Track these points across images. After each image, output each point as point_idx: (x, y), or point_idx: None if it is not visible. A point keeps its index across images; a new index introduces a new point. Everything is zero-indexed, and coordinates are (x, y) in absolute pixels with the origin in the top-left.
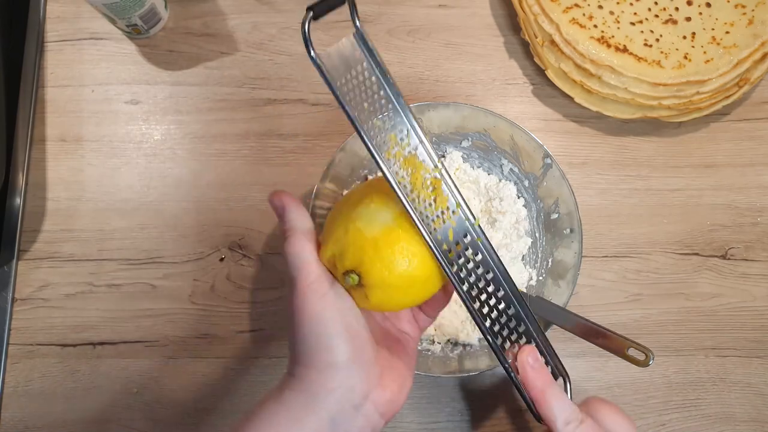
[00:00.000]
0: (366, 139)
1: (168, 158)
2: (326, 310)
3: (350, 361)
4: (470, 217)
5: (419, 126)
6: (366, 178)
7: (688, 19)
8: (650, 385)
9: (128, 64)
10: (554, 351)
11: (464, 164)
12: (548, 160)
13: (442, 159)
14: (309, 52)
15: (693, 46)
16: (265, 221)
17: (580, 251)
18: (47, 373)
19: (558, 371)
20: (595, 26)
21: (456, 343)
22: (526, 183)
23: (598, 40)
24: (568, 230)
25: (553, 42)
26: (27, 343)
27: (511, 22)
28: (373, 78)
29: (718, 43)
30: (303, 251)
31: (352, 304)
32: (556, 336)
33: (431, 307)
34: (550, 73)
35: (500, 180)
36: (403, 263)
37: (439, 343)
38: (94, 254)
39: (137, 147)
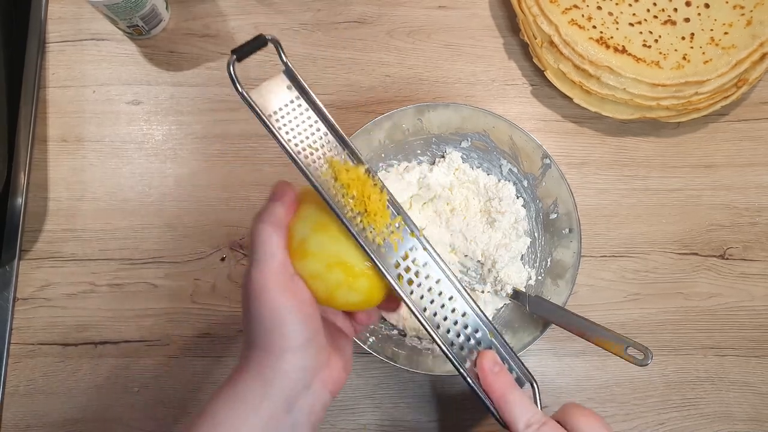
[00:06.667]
0: (302, 166)
1: (169, 158)
2: (287, 300)
3: (304, 345)
4: (414, 229)
5: (356, 151)
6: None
7: (687, 20)
8: (649, 384)
9: (129, 65)
10: (517, 356)
11: (463, 164)
12: (547, 161)
13: (378, 178)
14: (236, 89)
15: (692, 47)
16: None
17: (578, 251)
18: (49, 372)
19: (524, 377)
20: (594, 27)
21: None
22: (525, 183)
23: (597, 41)
24: (567, 230)
25: (552, 43)
26: (29, 343)
27: (511, 23)
28: (306, 109)
29: (717, 44)
30: (271, 240)
31: (309, 293)
32: (555, 336)
33: (364, 316)
34: (549, 74)
35: (499, 180)
36: (345, 295)
37: None
38: (95, 254)
39: (138, 147)
